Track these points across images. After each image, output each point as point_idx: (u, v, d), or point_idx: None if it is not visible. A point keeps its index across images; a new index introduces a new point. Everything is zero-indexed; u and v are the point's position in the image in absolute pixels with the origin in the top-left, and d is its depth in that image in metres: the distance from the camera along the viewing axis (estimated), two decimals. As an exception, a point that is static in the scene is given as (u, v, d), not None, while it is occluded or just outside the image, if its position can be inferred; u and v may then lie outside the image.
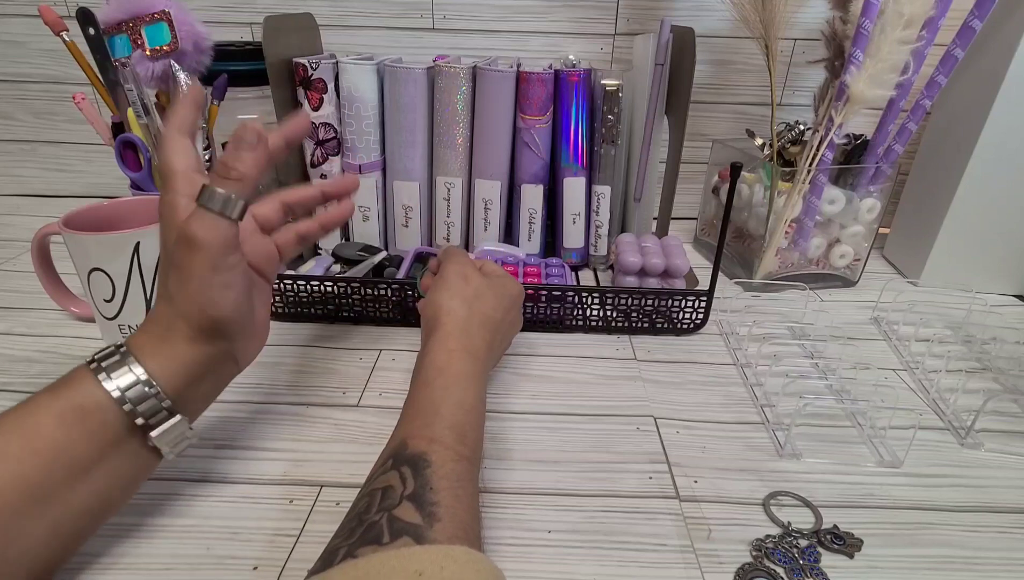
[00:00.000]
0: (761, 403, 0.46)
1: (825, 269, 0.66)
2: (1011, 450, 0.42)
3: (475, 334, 0.39)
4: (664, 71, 0.60)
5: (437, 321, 0.39)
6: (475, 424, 0.34)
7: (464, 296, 0.40)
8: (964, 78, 0.61)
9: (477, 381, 0.36)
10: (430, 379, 0.35)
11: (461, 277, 0.42)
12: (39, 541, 0.27)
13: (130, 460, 0.30)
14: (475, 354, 0.38)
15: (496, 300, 0.42)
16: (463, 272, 0.42)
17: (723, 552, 0.34)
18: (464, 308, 0.40)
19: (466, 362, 0.36)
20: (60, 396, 0.28)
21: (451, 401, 0.34)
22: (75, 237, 0.46)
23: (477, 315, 0.40)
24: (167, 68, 0.54)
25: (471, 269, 0.43)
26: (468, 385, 0.35)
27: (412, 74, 0.58)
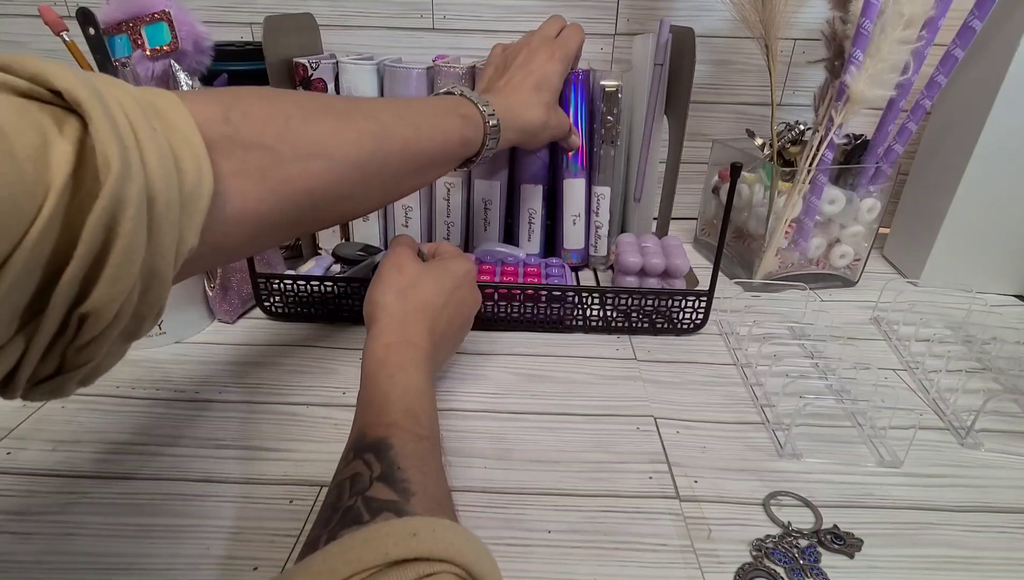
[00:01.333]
0: (761, 403, 0.46)
1: (825, 269, 0.66)
2: (1011, 450, 0.42)
3: (411, 323, 0.39)
4: (664, 71, 0.60)
5: (372, 317, 0.40)
6: (426, 405, 0.34)
7: (398, 287, 0.41)
8: (964, 78, 0.61)
9: (420, 367, 0.37)
10: (373, 372, 0.35)
11: (395, 268, 0.42)
12: (398, 194, 0.43)
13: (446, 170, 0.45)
14: (414, 343, 0.38)
15: (435, 285, 0.42)
16: (397, 262, 0.42)
17: (723, 552, 0.34)
18: (398, 300, 0.40)
19: (405, 352, 0.37)
20: (462, 106, 0.44)
21: (398, 388, 0.34)
22: (75, 237, 0.46)
23: (412, 304, 0.40)
24: (167, 68, 0.54)
25: (406, 258, 0.43)
26: (412, 371, 0.36)
27: (412, 74, 0.58)
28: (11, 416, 0.42)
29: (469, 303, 0.45)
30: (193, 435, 0.41)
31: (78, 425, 0.41)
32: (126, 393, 0.45)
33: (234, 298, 0.54)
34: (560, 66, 0.53)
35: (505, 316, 0.54)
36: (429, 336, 0.39)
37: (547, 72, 0.52)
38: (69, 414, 0.42)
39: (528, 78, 0.51)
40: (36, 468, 0.38)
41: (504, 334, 0.54)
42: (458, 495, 0.37)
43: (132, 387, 0.45)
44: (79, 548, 0.32)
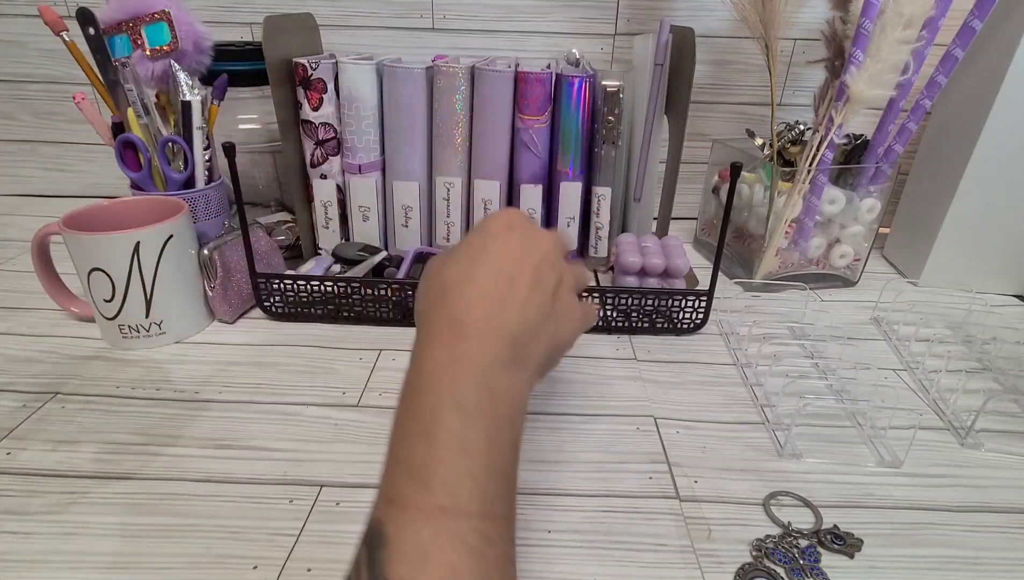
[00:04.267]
0: (761, 403, 0.46)
1: (825, 269, 0.66)
2: (1011, 450, 0.42)
3: (434, 327, 0.28)
4: (664, 71, 0.60)
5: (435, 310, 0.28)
6: (445, 454, 0.23)
7: (432, 274, 0.30)
8: (964, 78, 0.61)
9: (457, 388, 0.25)
10: (399, 402, 0.26)
11: (440, 259, 0.31)
12: None
13: None
14: (435, 352, 0.26)
15: (456, 256, 0.30)
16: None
17: (723, 552, 0.34)
18: (425, 294, 0.30)
19: (422, 374, 0.26)
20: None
21: (406, 429, 0.24)
22: (75, 237, 0.46)
23: (435, 292, 0.29)
24: (167, 68, 0.54)
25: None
26: (441, 401, 0.24)
27: (411, 74, 0.58)
28: (11, 416, 0.42)
29: (526, 264, 0.29)
30: (193, 435, 0.41)
31: (78, 425, 0.41)
32: (126, 393, 0.45)
33: (234, 298, 0.54)
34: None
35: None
36: (466, 321, 0.27)
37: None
38: (69, 414, 0.42)
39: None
40: (36, 468, 0.38)
41: (504, 334, 0.54)
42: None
43: (132, 387, 0.45)
44: (79, 548, 0.32)
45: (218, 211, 0.58)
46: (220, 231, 0.57)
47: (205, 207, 0.56)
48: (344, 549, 0.33)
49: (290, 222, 0.67)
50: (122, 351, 0.50)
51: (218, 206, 0.58)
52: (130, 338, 0.50)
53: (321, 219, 0.64)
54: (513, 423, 0.26)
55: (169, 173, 0.54)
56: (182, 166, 0.55)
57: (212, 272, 0.52)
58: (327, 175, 0.62)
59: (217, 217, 0.58)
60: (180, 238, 0.49)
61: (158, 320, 0.50)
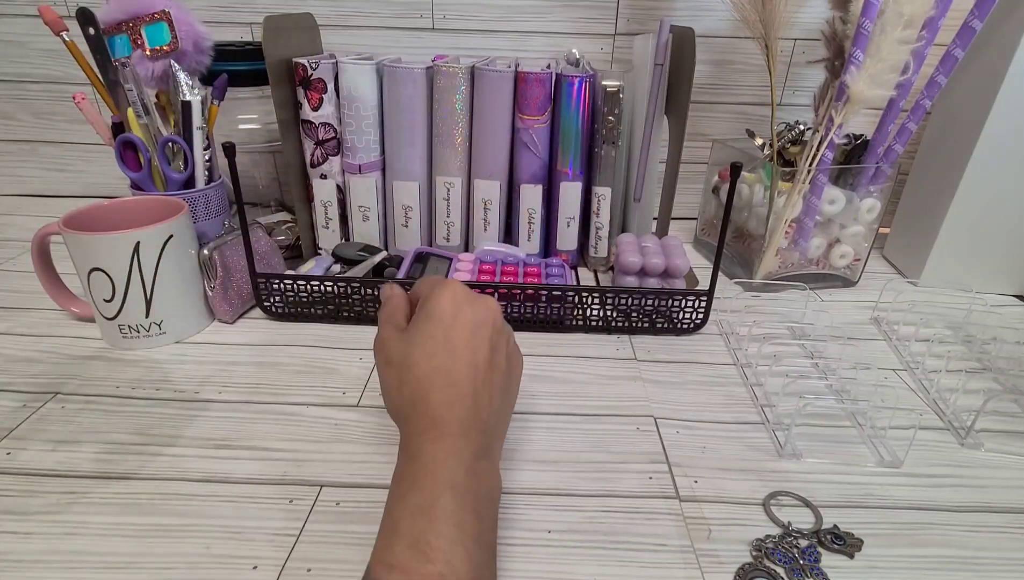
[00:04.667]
0: (761, 403, 0.46)
1: (825, 269, 0.66)
2: (1011, 450, 0.42)
3: (415, 414, 0.31)
4: (664, 71, 0.60)
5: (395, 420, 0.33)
6: (447, 526, 0.26)
7: (393, 374, 0.33)
8: (964, 78, 0.61)
9: (435, 473, 0.28)
10: (390, 491, 0.29)
11: (378, 350, 0.34)
12: None
13: None
14: (421, 442, 0.30)
15: (420, 348, 0.32)
16: (379, 340, 0.34)
17: (723, 552, 0.33)
18: (397, 391, 0.32)
19: (414, 457, 0.29)
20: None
21: (408, 511, 0.27)
22: (75, 237, 0.46)
23: (409, 388, 0.32)
24: (167, 68, 0.54)
25: (387, 330, 0.34)
26: (425, 482, 0.28)
27: (411, 74, 0.58)
28: (11, 416, 0.42)
29: (482, 340, 0.32)
30: (193, 435, 0.41)
31: (78, 425, 0.41)
32: (126, 393, 0.45)
33: (234, 298, 0.54)
34: None
35: (505, 316, 0.54)
36: (450, 421, 0.30)
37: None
38: (69, 414, 0.42)
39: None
40: (36, 468, 0.38)
41: (504, 334, 0.54)
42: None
43: (132, 387, 0.45)
44: (79, 548, 0.32)
45: (218, 211, 0.58)
46: (220, 231, 0.57)
47: (205, 207, 0.56)
48: (344, 549, 0.33)
49: (290, 222, 0.67)
50: (122, 351, 0.50)
51: (218, 206, 0.58)
52: (130, 338, 0.50)
53: (321, 219, 0.64)
54: (492, 501, 0.31)
55: (169, 173, 0.54)
56: (182, 166, 0.55)
57: (212, 272, 0.52)
58: (327, 175, 0.62)
59: (217, 217, 0.58)
60: (180, 238, 0.49)
61: (158, 320, 0.50)
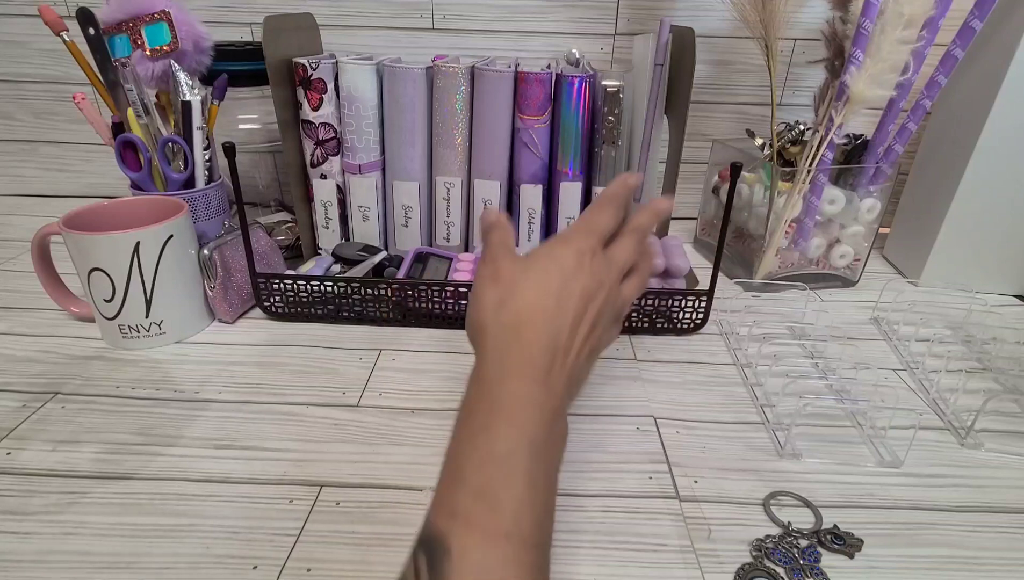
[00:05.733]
0: (761, 403, 0.46)
1: (825, 269, 0.66)
2: (1011, 450, 0.42)
3: (509, 351, 0.28)
4: (664, 71, 0.60)
5: (473, 346, 0.30)
6: (519, 483, 0.24)
7: (494, 299, 0.30)
8: (964, 78, 0.61)
9: (518, 420, 0.26)
10: (456, 427, 0.27)
11: (488, 276, 0.31)
12: None
13: None
14: (513, 383, 0.27)
15: (537, 285, 0.30)
16: (490, 264, 0.31)
17: (723, 552, 0.33)
18: (495, 318, 0.30)
19: (497, 398, 0.27)
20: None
21: (477, 455, 0.25)
22: (75, 237, 0.46)
23: (508, 319, 0.29)
24: (167, 68, 0.54)
25: (501, 253, 0.32)
26: (503, 429, 0.26)
27: (411, 74, 0.58)
28: (11, 416, 0.42)
29: (593, 307, 0.31)
30: (193, 435, 0.41)
31: (78, 425, 0.41)
32: (126, 393, 0.45)
33: (234, 298, 0.54)
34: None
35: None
36: (539, 366, 0.28)
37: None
38: (69, 414, 0.42)
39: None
40: (36, 468, 0.38)
41: (504, 334, 0.54)
42: (458, 495, 0.37)
43: (132, 387, 0.45)
44: (79, 548, 0.32)
45: (218, 211, 0.58)
46: (220, 231, 0.57)
47: (205, 207, 0.56)
48: (344, 549, 0.33)
49: (290, 222, 0.67)
50: (122, 351, 0.50)
51: (218, 206, 0.58)
52: (130, 338, 0.50)
53: (321, 219, 0.64)
54: (560, 462, 0.29)
55: (169, 173, 0.54)
56: (182, 166, 0.55)
57: (212, 272, 0.52)
58: (327, 175, 0.62)
59: (217, 217, 0.58)
60: (180, 238, 0.49)
61: (158, 320, 0.50)
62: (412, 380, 0.47)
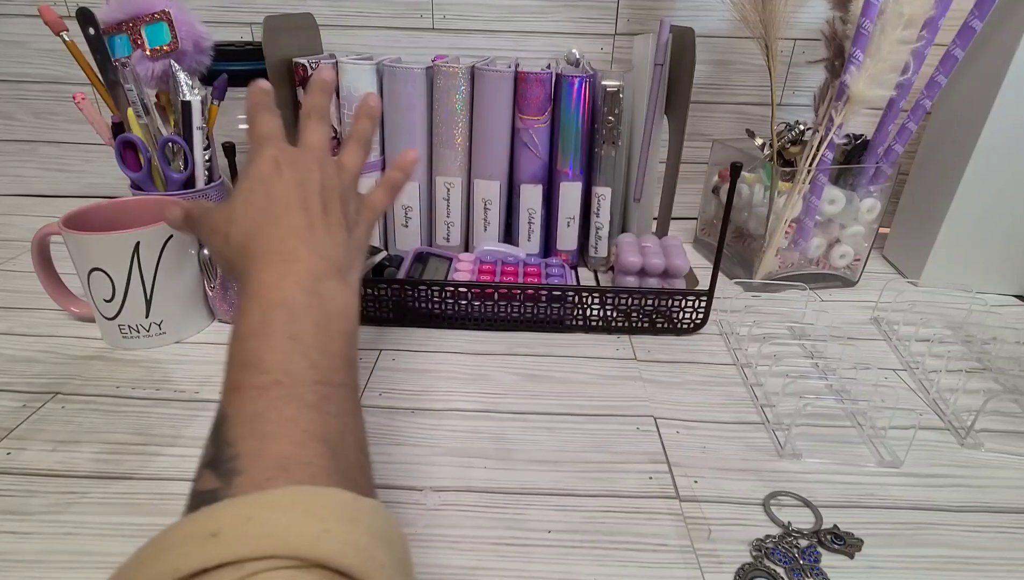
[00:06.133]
0: (761, 403, 0.46)
1: (825, 269, 0.66)
2: (1011, 450, 0.42)
3: (239, 237, 0.30)
4: (664, 71, 0.60)
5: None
6: (276, 342, 0.25)
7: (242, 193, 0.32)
8: (964, 78, 0.61)
9: (256, 290, 0.27)
10: (234, 323, 0.28)
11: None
12: None
13: None
14: (247, 262, 0.29)
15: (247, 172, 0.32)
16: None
17: (723, 552, 0.33)
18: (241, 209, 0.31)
19: (241, 283, 0.30)
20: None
21: (237, 336, 0.26)
22: (75, 237, 0.46)
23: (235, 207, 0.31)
24: (167, 68, 0.54)
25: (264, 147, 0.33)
26: (252, 305, 0.27)
27: (411, 74, 0.58)
28: (11, 416, 0.42)
29: (311, 196, 0.31)
30: (193, 435, 0.41)
31: (78, 425, 0.41)
32: (126, 393, 0.45)
33: (234, 298, 0.54)
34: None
35: (505, 316, 0.54)
36: (278, 250, 0.29)
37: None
38: (69, 414, 0.42)
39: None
40: (36, 468, 0.38)
41: (504, 334, 0.54)
42: (459, 495, 0.37)
43: (132, 387, 0.45)
44: (79, 548, 0.32)
45: (218, 211, 0.58)
46: (220, 231, 0.57)
47: (205, 207, 0.56)
48: (344, 549, 0.33)
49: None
50: (122, 351, 0.50)
51: (218, 206, 0.58)
52: (130, 338, 0.50)
53: (321, 219, 0.64)
54: (342, 318, 0.28)
55: (169, 173, 0.54)
56: (182, 166, 0.55)
57: (212, 272, 0.52)
58: (327, 175, 0.62)
59: (217, 217, 0.58)
60: (180, 238, 0.49)
61: (158, 320, 0.50)
62: (412, 380, 0.47)
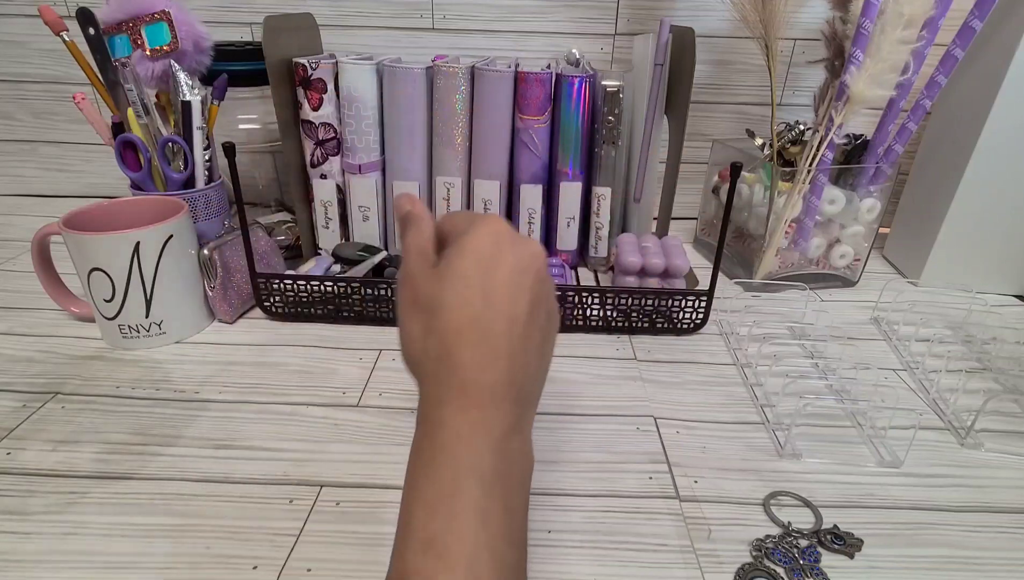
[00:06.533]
0: (761, 403, 0.46)
1: (825, 269, 0.66)
2: (1011, 450, 0.42)
3: (439, 377, 0.26)
4: (664, 71, 0.60)
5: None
6: (462, 523, 0.22)
7: (419, 320, 0.26)
8: (964, 78, 0.61)
9: (456, 453, 0.24)
10: (409, 464, 0.25)
11: (405, 282, 0.27)
12: None
13: None
14: (443, 412, 0.25)
15: (454, 293, 0.26)
16: (405, 272, 0.28)
17: (723, 552, 0.34)
18: (423, 338, 0.26)
19: (434, 433, 0.25)
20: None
21: (420, 504, 0.23)
22: (75, 237, 0.46)
23: (437, 339, 0.26)
24: (167, 68, 0.54)
25: (414, 259, 0.28)
26: (443, 469, 0.23)
27: (411, 74, 0.58)
28: (11, 416, 0.42)
29: (524, 289, 0.26)
30: (193, 435, 0.41)
31: (78, 425, 0.41)
32: (126, 393, 0.45)
33: (234, 298, 0.54)
34: None
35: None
36: (479, 388, 0.25)
37: None
38: (69, 414, 0.42)
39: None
40: (36, 468, 0.38)
41: (504, 334, 0.54)
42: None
43: (132, 387, 0.45)
44: (79, 548, 0.32)
45: (218, 211, 0.58)
46: (220, 231, 0.57)
47: (205, 207, 0.56)
48: (344, 549, 0.33)
49: (290, 222, 0.67)
50: (122, 351, 0.50)
51: (218, 206, 0.58)
52: (130, 338, 0.50)
53: (321, 219, 0.64)
54: (524, 487, 0.26)
55: (169, 173, 0.54)
56: (182, 166, 0.55)
57: (212, 272, 0.52)
58: (327, 175, 0.62)
59: (217, 217, 0.58)
60: (180, 238, 0.49)
61: (158, 320, 0.50)
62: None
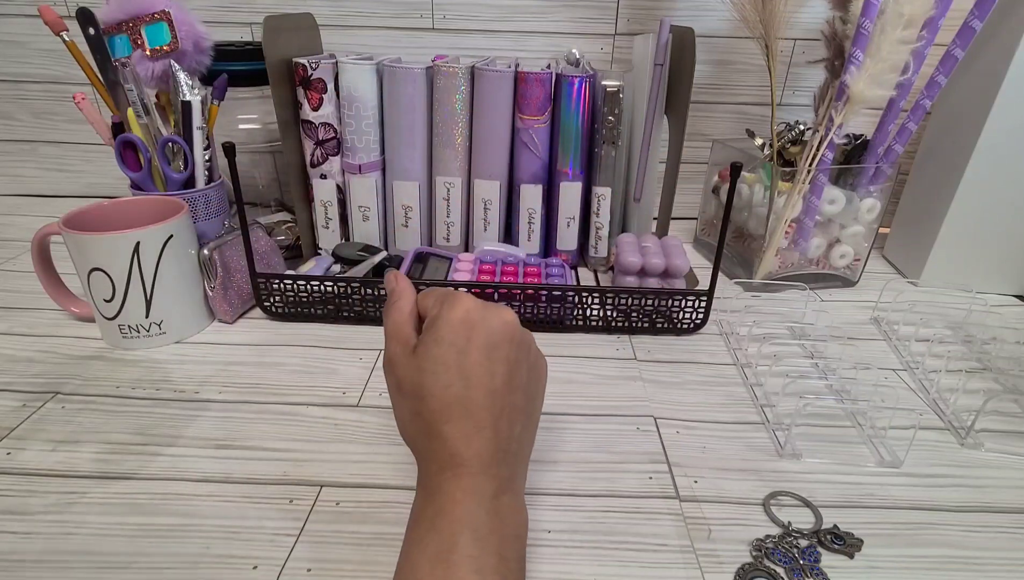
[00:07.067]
0: (761, 403, 0.46)
1: (825, 269, 0.66)
2: (1011, 450, 0.42)
3: (432, 451, 0.29)
4: (664, 71, 0.60)
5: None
6: (463, 577, 0.24)
7: (406, 403, 0.30)
8: (964, 78, 0.61)
9: (471, 518, 0.26)
10: (409, 525, 0.28)
11: (387, 368, 0.31)
12: None
13: None
14: (435, 484, 0.28)
15: (432, 373, 0.29)
16: (388, 358, 0.31)
17: (723, 552, 0.33)
18: (411, 420, 0.30)
19: (425, 504, 0.28)
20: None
21: (428, 551, 0.26)
22: (75, 237, 0.46)
23: (423, 420, 0.29)
24: (167, 68, 0.54)
25: (395, 344, 0.31)
26: (458, 530, 0.26)
27: (411, 74, 0.58)
28: (11, 416, 0.42)
29: (499, 362, 0.29)
30: (193, 435, 0.41)
31: (78, 425, 0.41)
32: (126, 393, 0.45)
33: (234, 298, 0.54)
34: None
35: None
36: (469, 456, 0.28)
37: None
38: (69, 414, 0.42)
39: None
40: (36, 468, 0.38)
41: (504, 334, 0.54)
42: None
43: (132, 387, 0.45)
44: (79, 548, 0.32)
45: (218, 211, 0.58)
46: (220, 231, 0.57)
47: (205, 207, 0.56)
48: (344, 549, 0.33)
49: (290, 222, 0.67)
50: (122, 351, 0.50)
51: (218, 206, 0.58)
52: (130, 338, 0.50)
53: (321, 219, 0.64)
54: (518, 539, 0.28)
55: (169, 173, 0.54)
56: (182, 166, 0.55)
57: (212, 272, 0.52)
58: (327, 175, 0.62)
59: (217, 217, 0.58)
60: (180, 238, 0.49)
61: (158, 320, 0.50)
62: (412, 380, 0.47)
